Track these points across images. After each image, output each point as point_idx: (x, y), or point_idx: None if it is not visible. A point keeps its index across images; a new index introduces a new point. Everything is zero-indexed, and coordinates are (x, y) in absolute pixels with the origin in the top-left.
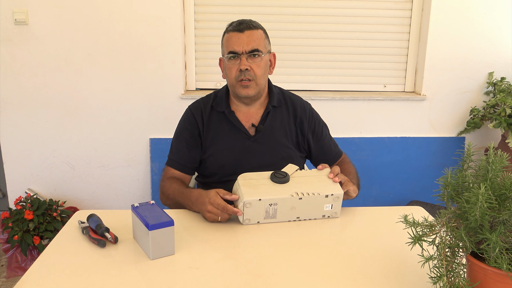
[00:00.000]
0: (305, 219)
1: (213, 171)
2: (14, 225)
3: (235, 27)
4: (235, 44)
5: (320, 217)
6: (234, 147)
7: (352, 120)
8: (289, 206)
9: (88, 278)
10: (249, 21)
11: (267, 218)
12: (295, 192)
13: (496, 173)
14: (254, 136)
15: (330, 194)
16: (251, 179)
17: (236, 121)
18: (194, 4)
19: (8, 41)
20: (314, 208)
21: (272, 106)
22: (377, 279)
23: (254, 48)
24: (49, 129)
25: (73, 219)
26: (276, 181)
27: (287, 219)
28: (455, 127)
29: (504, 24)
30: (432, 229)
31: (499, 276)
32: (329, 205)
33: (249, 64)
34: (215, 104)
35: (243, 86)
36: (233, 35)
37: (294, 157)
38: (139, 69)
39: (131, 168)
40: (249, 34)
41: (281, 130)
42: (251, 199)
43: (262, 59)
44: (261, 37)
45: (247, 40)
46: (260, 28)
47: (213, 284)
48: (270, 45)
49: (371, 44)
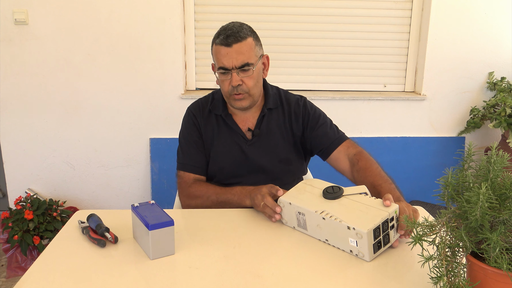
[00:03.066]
0: (334, 245)
1: (211, 173)
2: (14, 225)
3: (223, 40)
4: (224, 60)
5: (348, 251)
6: (232, 151)
7: (352, 120)
8: (315, 223)
9: (88, 278)
10: (237, 31)
11: (300, 227)
12: (322, 211)
13: (497, 173)
14: (251, 140)
15: (352, 227)
16: (310, 185)
17: (233, 124)
18: (194, 4)
19: (8, 41)
20: (339, 236)
21: (268, 108)
22: (377, 279)
23: (244, 63)
24: (49, 129)
25: (73, 219)
26: (325, 195)
27: (317, 236)
28: (455, 127)
29: (504, 24)
30: (432, 229)
31: (499, 276)
32: (354, 240)
33: (240, 78)
34: (212, 107)
35: (237, 99)
36: (221, 49)
37: (293, 159)
38: (139, 69)
39: (131, 168)
40: (237, 48)
41: (278, 132)
42: (284, 200)
43: (254, 70)
44: (250, 48)
45: (236, 55)
46: (249, 36)
47: (213, 284)
48: (262, 48)
49: (371, 44)
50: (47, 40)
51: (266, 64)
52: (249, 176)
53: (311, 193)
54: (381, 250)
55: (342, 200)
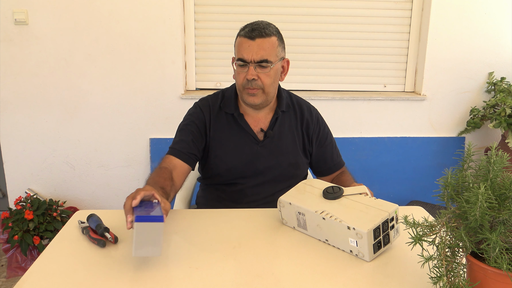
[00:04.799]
0: (334, 245)
1: (218, 172)
2: (14, 225)
3: (248, 33)
4: (244, 52)
5: (348, 252)
6: (242, 151)
7: (352, 120)
8: (315, 223)
9: (88, 278)
10: (263, 28)
11: (300, 227)
12: (322, 211)
13: (497, 173)
14: (263, 141)
15: (352, 227)
16: (310, 185)
17: (245, 124)
18: (194, 4)
19: (8, 41)
20: (339, 236)
21: (281, 111)
22: (377, 279)
23: (263, 59)
24: (49, 129)
25: (73, 219)
26: (325, 195)
27: (317, 236)
28: (455, 127)
29: (504, 24)
30: (432, 229)
31: (499, 276)
32: (354, 240)
33: (256, 73)
34: (223, 105)
35: (250, 94)
36: (244, 41)
37: (301, 163)
38: (139, 69)
39: (131, 168)
40: (260, 42)
41: (289, 136)
42: (284, 200)
43: (272, 69)
44: (272, 46)
45: (257, 49)
46: (274, 35)
47: (213, 284)
48: (285, 51)
49: (371, 44)
50: (47, 40)
51: (285, 68)
52: (256, 178)
53: (311, 193)
54: (381, 250)
55: (342, 200)
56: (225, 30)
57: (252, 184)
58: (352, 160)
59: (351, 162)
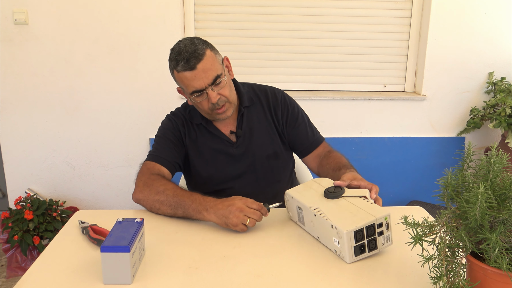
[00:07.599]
0: (323, 244)
1: (202, 181)
2: (14, 225)
3: (185, 66)
4: (195, 83)
5: (333, 251)
6: (219, 157)
7: (352, 120)
8: (309, 219)
9: (88, 278)
10: (194, 51)
11: (300, 222)
12: (315, 208)
13: (497, 173)
14: (237, 142)
15: (335, 226)
16: (318, 183)
17: (215, 130)
18: (194, 4)
19: (8, 41)
20: (326, 234)
21: (245, 107)
22: (377, 279)
23: (214, 77)
24: (49, 129)
25: (73, 219)
26: (325, 194)
27: (311, 232)
28: (455, 127)
29: (504, 24)
30: (432, 229)
31: (499, 276)
32: (336, 240)
33: (216, 92)
34: (189, 117)
35: (220, 113)
36: (186, 75)
37: (279, 152)
38: (139, 69)
39: (131, 168)
40: (202, 66)
41: (261, 128)
42: (288, 193)
43: (225, 79)
44: (212, 60)
45: (204, 74)
46: (204, 49)
47: (213, 284)
48: (219, 52)
49: (371, 44)
50: (47, 40)
51: (228, 65)
52: (240, 180)
53: (315, 191)
54: (365, 255)
55: (340, 200)
56: (225, 30)
57: (240, 186)
58: (352, 160)
59: (351, 162)
